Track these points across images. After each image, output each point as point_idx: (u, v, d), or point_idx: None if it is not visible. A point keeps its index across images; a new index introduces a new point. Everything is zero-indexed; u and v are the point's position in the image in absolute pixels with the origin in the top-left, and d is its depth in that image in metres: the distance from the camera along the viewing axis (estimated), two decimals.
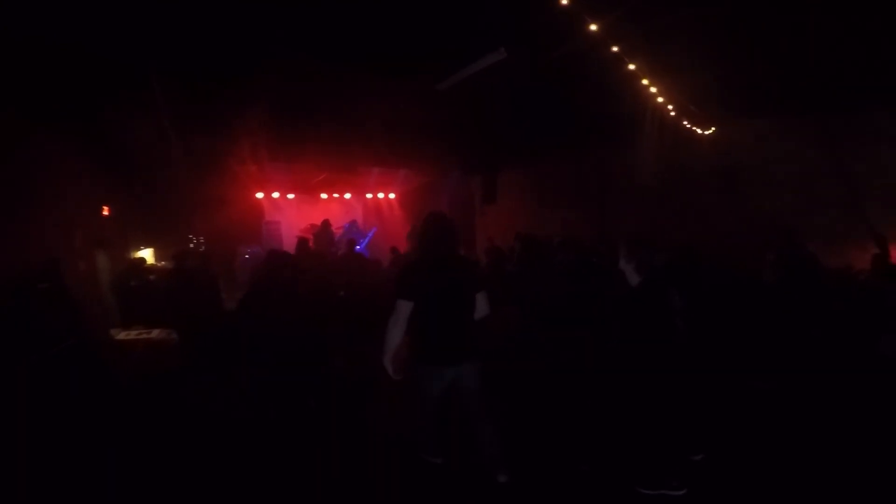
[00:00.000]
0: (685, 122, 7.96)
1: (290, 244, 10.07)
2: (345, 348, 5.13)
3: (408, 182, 13.18)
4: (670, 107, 6.94)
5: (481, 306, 3.12)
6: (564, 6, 4.63)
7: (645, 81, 5.84)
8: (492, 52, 5.85)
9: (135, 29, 5.08)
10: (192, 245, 8.73)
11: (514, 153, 10.85)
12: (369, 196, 13.51)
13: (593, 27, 4.89)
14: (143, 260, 7.58)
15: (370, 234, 12.14)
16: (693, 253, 5.16)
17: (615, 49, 5.09)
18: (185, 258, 6.36)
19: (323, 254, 8.48)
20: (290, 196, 11.81)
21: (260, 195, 10.93)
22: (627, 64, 5.43)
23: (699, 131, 8.52)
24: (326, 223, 9.98)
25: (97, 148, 6.64)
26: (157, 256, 8.60)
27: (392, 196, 13.85)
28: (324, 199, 12.59)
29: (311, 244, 9.10)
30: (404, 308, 2.98)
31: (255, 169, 9.40)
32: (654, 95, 6.37)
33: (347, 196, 13.16)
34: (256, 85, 6.42)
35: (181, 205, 8.61)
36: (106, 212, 7.67)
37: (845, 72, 6.24)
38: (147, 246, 8.56)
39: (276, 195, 11.33)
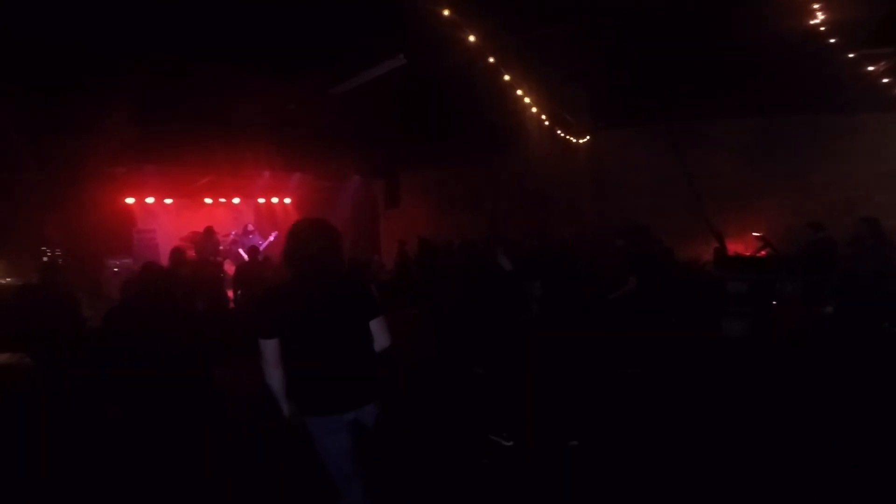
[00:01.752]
0: (559, 132, 8.66)
1: (167, 255, 9.25)
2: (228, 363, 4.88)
3: (304, 186, 12.75)
4: (543, 116, 7.52)
5: (379, 337, 2.50)
6: (447, 17, 4.86)
7: (519, 92, 6.27)
8: (390, 58, 5.90)
9: None
10: (45, 258, 7.68)
11: (412, 158, 11.04)
12: (262, 201, 12.84)
13: (472, 38, 5.18)
14: None
15: (264, 242, 11.48)
16: (565, 250, 5.65)
17: (492, 60, 5.42)
18: (53, 272, 5.62)
19: (205, 264, 7.93)
20: (168, 201, 10.82)
21: (130, 200, 9.89)
22: (503, 75, 5.80)
23: (574, 140, 9.32)
24: (210, 230, 9.31)
25: None
26: (0, 272, 7.47)
27: (288, 201, 13.29)
28: (208, 205, 11.70)
29: (191, 253, 8.45)
30: (270, 348, 2.35)
31: (123, 171, 8.54)
32: (529, 106, 6.87)
33: (236, 201, 12.37)
34: (121, 81, 5.85)
35: (32, 212, 7.56)
36: None
37: (685, 86, 7.23)
38: None
39: (150, 200, 10.32)
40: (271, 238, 11.14)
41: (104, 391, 3.93)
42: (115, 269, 8.73)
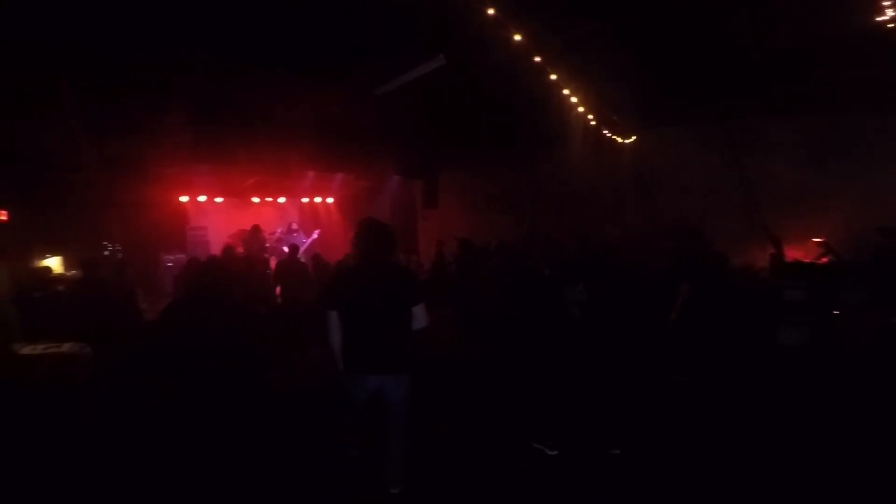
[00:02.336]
0: (605, 131, 8.42)
1: (217, 251, 9.60)
2: (279, 360, 4.99)
3: (346, 186, 12.99)
4: (590, 116, 7.33)
5: (419, 318, 3.10)
6: (491, 16, 4.81)
7: (566, 91, 6.13)
8: (431, 58, 5.92)
9: (40, 21, 4.71)
10: (106, 252, 8.13)
11: (452, 158, 11.03)
12: (305, 200, 13.17)
13: (517, 37, 5.10)
14: (48, 269, 7.02)
15: (308, 240, 11.75)
16: (609, 252, 5.46)
17: (538, 59, 5.33)
18: (94, 266, 5.93)
19: (253, 261, 8.18)
20: (219, 200, 11.27)
21: (184, 199, 10.36)
22: (550, 74, 5.69)
23: (619, 140, 9.04)
24: (256, 228, 9.62)
25: None
26: (67, 265, 7.95)
27: (330, 201, 13.58)
28: (256, 204, 12.10)
29: (240, 251, 8.75)
30: (331, 319, 3.03)
31: (177, 171, 8.93)
32: (576, 105, 6.71)
33: (282, 200, 12.74)
34: (176, 85, 6.14)
35: (94, 209, 8.02)
36: (3, 217, 7.02)
37: (743, 83, 6.87)
38: (54, 254, 7.90)
39: (202, 199, 10.77)
40: (314, 236, 11.39)
41: (163, 381, 4.05)
42: (170, 264, 9.16)
